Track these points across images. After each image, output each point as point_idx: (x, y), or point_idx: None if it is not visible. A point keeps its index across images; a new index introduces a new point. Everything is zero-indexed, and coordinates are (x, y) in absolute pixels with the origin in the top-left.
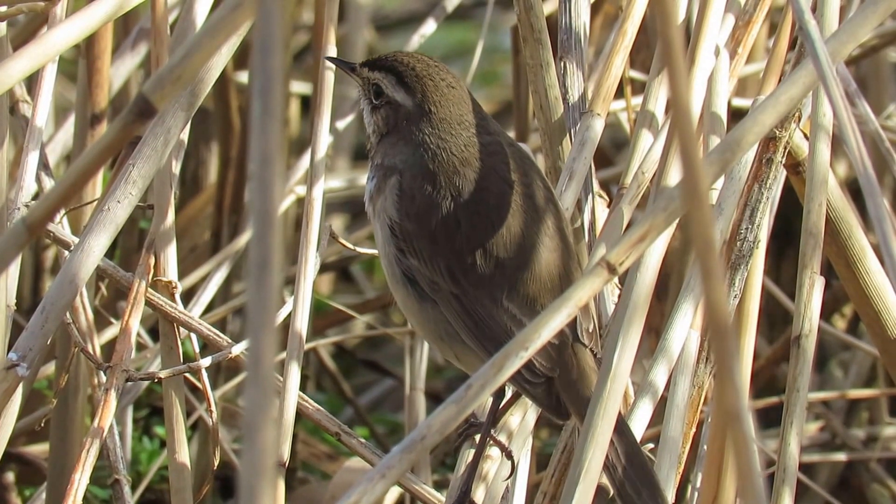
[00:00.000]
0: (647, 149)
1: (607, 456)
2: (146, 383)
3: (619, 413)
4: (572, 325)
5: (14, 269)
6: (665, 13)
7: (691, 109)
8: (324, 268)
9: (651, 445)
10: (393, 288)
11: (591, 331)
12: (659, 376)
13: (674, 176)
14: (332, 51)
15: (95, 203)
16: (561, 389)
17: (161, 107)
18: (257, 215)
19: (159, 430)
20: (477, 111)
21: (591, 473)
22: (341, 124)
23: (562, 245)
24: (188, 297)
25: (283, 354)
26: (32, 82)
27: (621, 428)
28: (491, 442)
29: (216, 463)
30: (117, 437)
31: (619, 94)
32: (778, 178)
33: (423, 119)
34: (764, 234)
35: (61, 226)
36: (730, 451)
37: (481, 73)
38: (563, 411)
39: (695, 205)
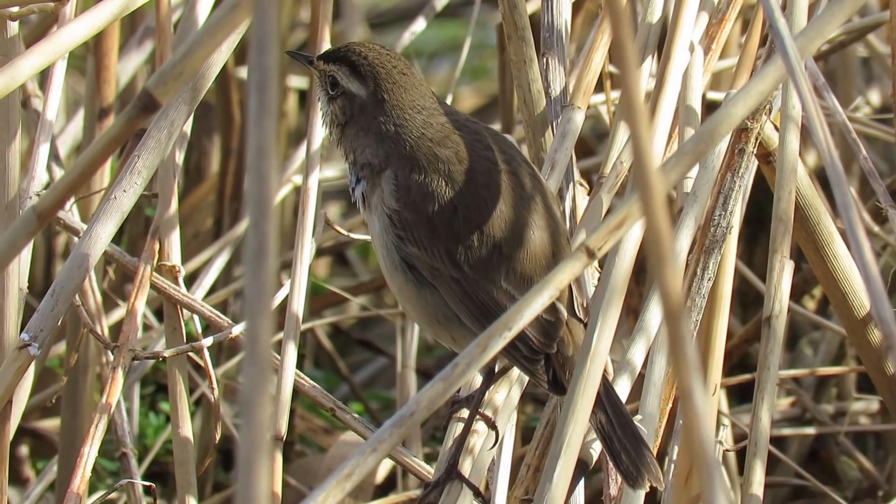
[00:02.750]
0: (626, 140)
1: (602, 426)
2: (152, 362)
3: (610, 385)
4: (569, 301)
5: (26, 254)
6: (615, 13)
7: (642, 106)
8: (321, 252)
9: (640, 417)
10: (389, 275)
11: (586, 306)
12: (637, 355)
13: None
14: (328, 48)
15: (103, 192)
16: (557, 366)
17: (164, 101)
18: (254, 204)
19: (164, 406)
20: (430, 96)
21: (572, 447)
22: None
23: (551, 222)
24: (191, 280)
25: (281, 334)
26: (44, 78)
27: (613, 399)
28: (478, 417)
29: (218, 437)
30: (124, 413)
31: (599, 88)
32: (750, 168)
33: (377, 107)
34: (737, 220)
35: (71, 213)
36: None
37: (471, 69)
38: (560, 387)
39: (647, 195)
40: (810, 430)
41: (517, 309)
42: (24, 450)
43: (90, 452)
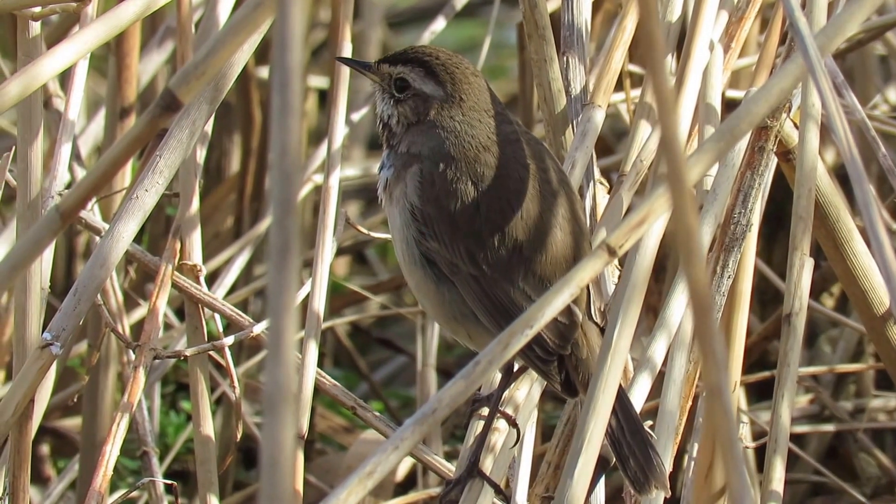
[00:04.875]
0: (646, 138)
1: (612, 431)
2: (173, 361)
3: (623, 390)
4: (586, 304)
5: (48, 254)
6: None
7: (674, 105)
8: (340, 251)
9: (650, 422)
10: (408, 270)
11: (603, 310)
12: (657, 352)
13: None
14: (348, 47)
15: (125, 192)
16: (570, 367)
17: (186, 101)
18: (277, 202)
19: (185, 405)
20: (496, 100)
21: (593, 444)
22: (356, 116)
23: (576, 228)
24: (212, 279)
25: (302, 333)
26: (65, 78)
27: (625, 404)
28: (499, 415)
29: (239, 435)
30: (146, 412)
31: (619, 86)
32: (769, 165)
33: (453, 107)
34: (756, 218)
35: (92, 213)
36: (713, 422)
37: (489, 68)
38: (572, 388)
39: (678, 194)
40: (829, 427)
41: (538, 307)
42: (45, 449)
43: (112, 451)
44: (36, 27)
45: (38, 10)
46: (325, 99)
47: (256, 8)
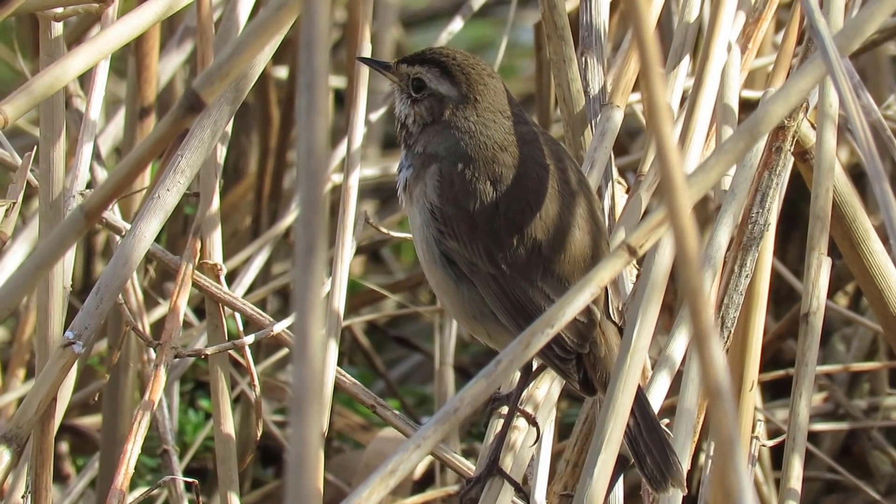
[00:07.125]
0: None
1: (629, 429)
2: (192, 359)
3: (640, 388)
4: (604, 303)
5: (70, 254)
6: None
7: (667, 105)
8: (356, 251)
9: (667, 420)
10: (429, 270)
11: (621, 309)
12: (675, 351)
13: (689, 164)
14: (368, 47)
15: (145, 191)
16: (588, 366)
17: (210, 101)
18: (304, 202)
19: (204, 403)
20: (512, 101)
21: (612, 443)
22: (373, 116)
23: (594, 227)
24: (231, 278)
25: (322, 332)
26: (86, 78)
27: (642, 402)
28: (518, 413)
29: (259, 434)
30: (166, 410)
31: (637, 87)
32: (787, 165)
33: (468, 108)
34: (774, 218)
35: (112, 212)
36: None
37: (502, 68)
38: (590, 387)
39: (673, 199)
40: (843, 426)
41: (559, 307)
42: (64, 447)
43: (133, 449)
44: (58, 28)
45: (60, 10)
46: (342, 98)
47: (280, 9)
